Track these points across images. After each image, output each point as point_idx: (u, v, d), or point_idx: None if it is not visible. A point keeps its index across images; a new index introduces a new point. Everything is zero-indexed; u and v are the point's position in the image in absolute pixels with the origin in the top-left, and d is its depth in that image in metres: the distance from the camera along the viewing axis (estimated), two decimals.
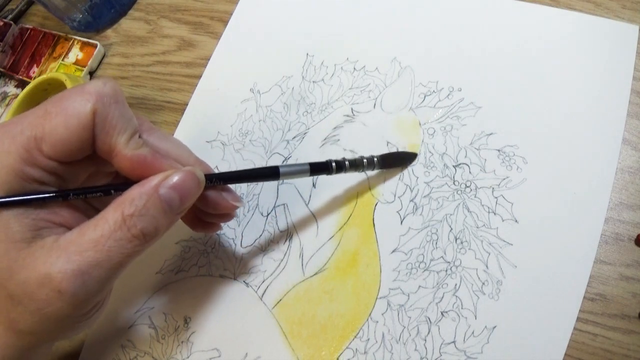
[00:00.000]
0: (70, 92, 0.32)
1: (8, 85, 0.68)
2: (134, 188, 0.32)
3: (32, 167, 0.31)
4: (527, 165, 0.43)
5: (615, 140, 0.43)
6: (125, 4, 0.67)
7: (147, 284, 0.49)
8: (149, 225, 0.32)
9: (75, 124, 0.31)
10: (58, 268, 0.30)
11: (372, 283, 0.43)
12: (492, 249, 0.42)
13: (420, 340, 0.41)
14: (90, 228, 0.31)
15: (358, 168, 0.43)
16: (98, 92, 0.32)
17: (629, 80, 0.44)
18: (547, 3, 0.49)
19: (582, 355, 0.38)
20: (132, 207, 0.31)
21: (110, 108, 0.32)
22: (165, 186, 0.32)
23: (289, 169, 0.40)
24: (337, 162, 0.42)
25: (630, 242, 0.40)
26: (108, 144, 0.32)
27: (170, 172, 0.33)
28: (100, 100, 0.32)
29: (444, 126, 0.47)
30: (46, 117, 0.31)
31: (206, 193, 0.37)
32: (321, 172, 0.41)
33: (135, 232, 0.31)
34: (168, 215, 0.33)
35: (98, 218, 0.31)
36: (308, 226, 0.47)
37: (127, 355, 0.47)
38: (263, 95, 0.54)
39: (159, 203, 0.32)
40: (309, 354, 0.43)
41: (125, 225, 0.31)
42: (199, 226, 0.42)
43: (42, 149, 0.31)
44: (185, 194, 0.33)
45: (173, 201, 0.33)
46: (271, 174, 0.39)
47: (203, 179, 0.35)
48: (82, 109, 0.31)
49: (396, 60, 0.51)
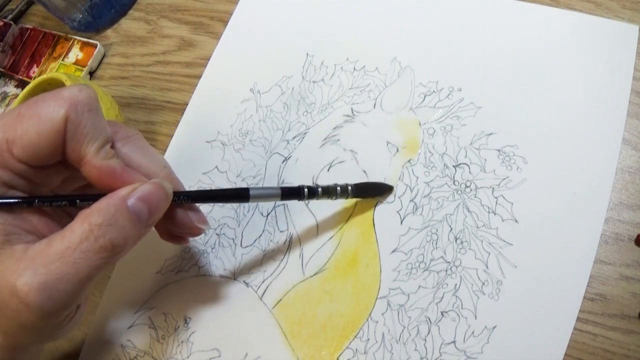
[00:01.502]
0: (45, 96, 0.32)
1: (8, 85, 0.68)
2: (102, 200, 0.31)
3: (2, 169, 0.31)
4: (527, 165, 0.43)
5: (615, 140, 0.42)
6: (125, 4, 0.67)
7: (147, 284, 0.49)
8: (118, 236, 0.31)
9: (46, 129, 0.31)
10: (24, 281, 0.29)
11: (372, 283, 0.43)
12: (492, 249, 0.42)
13: (420, 340, 0.41)
14: (57, 239, 0.30)
15: (331, 196, 0.42)
16: (72, 98, 0.31)
17: (629, 80, 0.44)
18: (547, 3, 0.49)
19: (582, 355, 0.38)
20: (99, 217, 0.30)
21: (83, 116, 0.31)
22: (134, 197, 0.32)
23: (259, 192, 0.39)
24: (310, 188, 0.41)
25: (630, 242, 0.40)
26: (77, 152, 0.32)
27: (138, 184, 0.32)
28: (73, 107, 0.31)
29: (444, 126, 0.47)
30: (19, 120, 0.31)
31: (174, 210, 0.36)
32: (292, 197, 0.41)
33: (103, 242, 0.30)
34: (137, 227, 0.32)
35: (65, 229, 0.31)
36: (308, 226, 0.47)
37: (127, 355, 0.47)
38: (263, 95, 0.54)
39: (127, 214, 0.31)
40: (309, 354, 0.43)
41: (92, 236, 0.30)
42: (166, 236, 0.41)
43: (12, 151, 0.31)
44: (154, 207, 0.33)
45: (141, 213, 0.32)
46: (241, 195, 0.39)
47: (170, 191, 0.34)
48: (54, 115, 0.31)
49: (396, 60, 0.51)
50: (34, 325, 0.30)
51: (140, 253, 0.50)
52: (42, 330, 0.32)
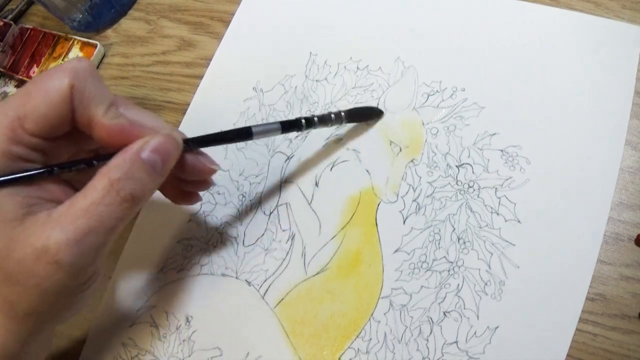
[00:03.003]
0: (48, 71, 0.34)
1: (8, 85, 0.68)
2: (117, 156, 0.33)
3: (18, 145, 0.33)
4: (530, 165, 0.43)
5: (618, 141, 0.43)
6: (125, 4, 0.67)
7: (148, 282, 0.49)
8: (137, 187, 0.33)
9: (54, 100, 0.33)
10: (53, 239, 0.31)
11: (374, 283, 0.43)
12: (495, 249, 0.42)
13: (422, 340, 0.41)
14: (80, 198, 0.32)
15: (327, 123, 0.45)
16: (74, 67, 0.33)
17: (632, 81, 0.44)
18: (547, 3, 0.49)
19: (582, 355, 0.38)
20: (118, 172, 0.32)
21: (86, 82, 0.34)
22: (147, 149, 0.34)
23: (261, 128, 0.42)
24: (307, 118, 0.43)
25: (630, 242, 0.40)
26: (87, 116, 0.34)
27: (149, 137, 0.34)
28: (76, 76, 0.33)
29: (447, 126, 0.47)
30: (27, 97, 0.33)
31: (184, 157, 0.38)
32: (292, 129, 0.43)
33: (124, 194, 0.33)
34: (152, 177, 0.34)
35: (87, 188, 0.33)
36: (310, 225, 0.47)
37: (128, 353, 0.47)
38: (266, 94, 0.54)
39: (143, 165, 0.33)
40: (311, 354, 0.43)
41: (113, 189, 0.32)
42: (179, 197, 0.43)
43: (25, 126, 0.33)
44: (166, 156, 0.35)
45: (156, 163, 0.34)
46: (244, 134, 0.41)
47: (181, 141, 0.37)
48: (60, 85, 0.33)
49: (399, 60, 0.51)
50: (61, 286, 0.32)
51: (142, 252, 0.50)
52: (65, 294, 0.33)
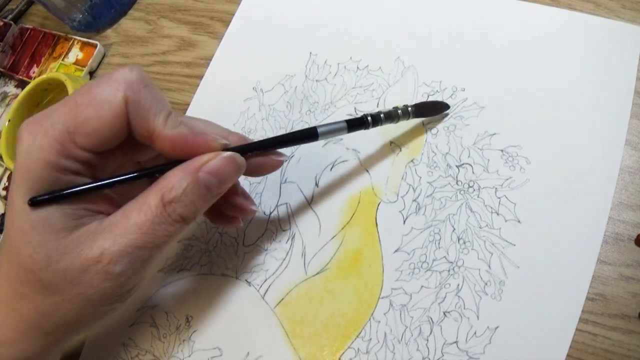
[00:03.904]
0: (98, 82, 0.32)
1: (8, 85, 0.68)
2: (175, 171, 0.33)
3: (67, 159, 0.32)
4: (530, 165, 0.43)
5: (618, 141, 0.43)
6: (125, 4, 0.67)
7: (148, 282, 0.49)
8: (188, 211, 0.33)
9: (107, 114, 0.31)
10: (107, 249, 0.31)
11: (374, 283, 0.43)
12: (495, 249, 0.42)
13: (422, 340, 0.41)
14: (134, 212, 0.32)
15: (393, 119, 0.43)
16: (126, 79, 0.32)
17: (632, 81, 0.44)
18: (547, 3, 0.49)
19: (582, 355, 0.38)
20: (172, 194, 0.32)
21: (141, 93, 0.32)
22: (205, 171, 0.33)
23: (327, 128, 0.40)
24: (372, 115, 0.42)
25: (630, 242, 0.40)
26: (146, 128, 0.33)
27: (210, 155, 0.34)
28: (130, 87, 0.32)
29: (447, 126, 0.47)
30: (77, 109, 0.31)
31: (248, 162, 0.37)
32: (358, 127, 0.42)
33: (175, 217, 0.33)
34: (206, 199, 0.34)
35: (140, 202, 0.32)
36: (310, 225, 0.47)
37: (128, 353, 0.46)
38: (266, 93, 0.54)
39: (198, 188, 0.33)
40: (311, 354, 0.43)
41: (165, 211, 0.32)
42: (219, 219, 0.42)
43: (76, 140, 0.31)
44: (224, 178, 0.34)
45: (212, 185, 0.34)
46: (310, 135, 0.40)
47: (243, 162, 0.36)
48: (113, 98, 0.31)
49: (399, 60, 0.51)
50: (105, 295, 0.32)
51: None
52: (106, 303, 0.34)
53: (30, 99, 0.58)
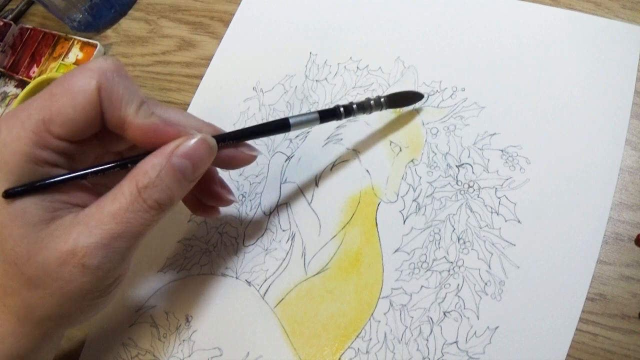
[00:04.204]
0: (72, 72, 0.33)
1: (8, 85, 0.68)
2: (147, 159, 0.33)
3: (43, 149, 0.32)
4: (530, 165, 0.43)
5: (618, 141, 0.43)
6: (125, 4, 0.67)
7: (148, 282, 0.49)
8: (164, 195, 0.33)
9: (81, 102, 0.32)
10: (81, 242, 0.31)
11: (374, 283, 0.43)
12: (495, 249, 0.42)
13: (422, 340, 0.41)
14: (108, 202, 0.32)
15: (366, 110, 0.43)
16: (100, 68, 0.32)
17: (633, 81, 0.44)
18: (547, 3, 0.49)
19: (582, 355, 0.38)
20: (145, 179, 0.32)
21: (114, 82, 0.32)
22: (178, 155, 0.33)
23: (299, 119, 0.40)
24: (345, 106, 0.42)
25: (630, 242, 0.40)
26: (117, 117, 0.33)
27: (181, 140, 0.33)
28: (103, 76, 0.32)
29: (447, 126, 0.47)
30: (52, 99, 0.32)
31: (221, 152, 0.37)
32: (330, 118, 0.42)
33: (151, 202, 0.32)
34: (182, 184, 0.34)
35: (115, 192, 0.32)
36: (310, 225, 0.47)
37: (128, 353, 0.46)
38: (266, 93, 0.54)
39: (172, 172, 0.33)
40: (311, 353, 0.43)
41: (140, 197, 0.32)
42: (199, 209, 0.43)
43: (51, 130, 0.31)
44: (198, 161, 0.34)
45: (186, 169, 0.33)
46: (282, 126, 0.40)
47: (215, 144, 0.36)
48: (86, 86, 0.32)
49: (399, 60, 0.51)
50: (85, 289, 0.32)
51: (142, 252, 0.50)
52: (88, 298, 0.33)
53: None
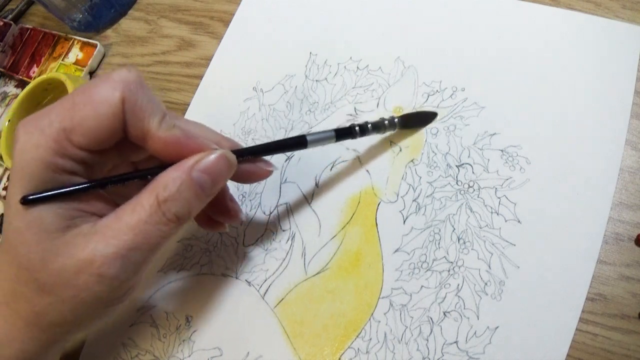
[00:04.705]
0: (96, 81, 0.33)
1: (8, 85, 0.68)
2: (168, 172, 0.33)
3: (63, 158, 0.32)
4: (530, 165, 0.43)
5: (618, 141, 0.43)
6: (125, 4, 0.67)
7: (148, 282, 0.49)
8: (183, 209, 0.33)
9: (105, 113, 0.32)
10: (99, 252, 0.31)
11: (374, 283, 0.43)
12: (495, 249, 0.42)
13: (422, 340, 0.41)
14: (127, 213, 0.32)
15: (380, 130, 0.45)
16: (123, 79, 0.32)
17: (632, 81, 0.44)
18: (547, 3, 0.49)
19: (582, 355, 0.38)
20: (166, 192, 0.32)
21: (137, 94, 0.32)
22: (198, 169, 0.33)
23: (316, 137, 0.41)
24: (360, 125, 0.43)
25: (630, 242, 0.40)
26: (140, 129, 0.33)
27: (202, 155, 0.34)
28: (127, 87, 0.32)
29: (447, 126, 0.47)
30: (74, 108, 0.32)
31: (238, 167, 0.37)
32: (346, 137, 0.43)
33: (169, 216, 0.32)
34: (200, 198, 0.34)
35: (134, 203, 0.32)
36: (310, 225, 0.47)
37: (128, 353, 0.47)
38: (266, 93, 0.54)
39: (192, 186, 0.33)
40: (311, 353, 0.43)
41: (160, 210, 0.32)
42: (206, 223, 0.43)
43: (72, 139, 0.31)
44: (217, 177, 0.34)
45: (205, 184, 0.34)
46: (299, 143, 0.41)
47: (234, 160, 0.36)
48: (110, 97, 0.32)
49: (399, 60, 0.51)
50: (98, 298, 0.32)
51: None
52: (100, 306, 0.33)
53: (30, 99, 0.58)
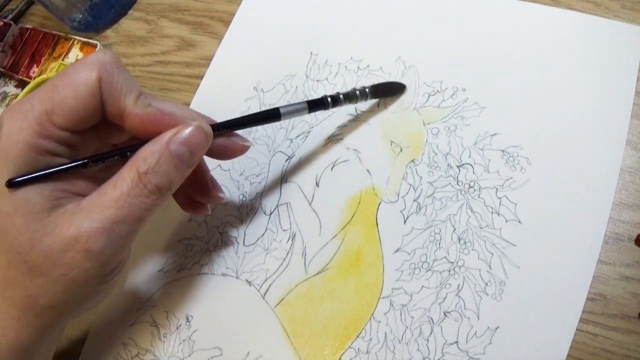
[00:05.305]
0: (74, 65, 0.34)
1: (8, 85, 0.68)
2: (147, 146, 0.34)
3: (46, 139, 0.33)
4: (530, 165, 0.43)
5: (619, 141, 0.43)
6: (125, 4, 0.67)
7: (149, 281, 0.49)
8: (163, 180, 0.34)
9: (83, 93, 0.33)
10: (84, 228, 0.31)
11: (374, 283, 0.43)
12: (496, 249, 0.42)
13: (422, 341, 0.41)
14: (109, 188, 0.33)
15: (352, 100, 0.45)
16: (100, 60, 0.34)
17: (633, 81, 0.44)
18: (547, 3, 0.49)
19: (582, 355, 0.38)
20: (145, 165, 0.33)
21: (113, 73, 0.34)
22: (176, 142, 0.34)
23: (289, 109, 0.42)
24: (332, 96, 0.44)
25: (630, 242, 0.40)
26: (117, 107, 0.34)
27: (179, 127, 0.35)
28: (103, 68, 0.34)
29: (448, 126, 0.47)
30: (54, 90, 0.33)
31: (215, 141, 0.38)
32: (318, 107, 0.44)
33: (151, 187, 0.33)
34: (180, 169, 0.35)
35: (116, 178, 0.33)
36: (311, 225, 0.47)
37: (128, 353, 0.46)
38: (267, 93, 0.54)
39: (171, 158, 0.34)
40: (311, 353, 0.43)
41: (141, 182, 0.33)
42: (189, 206, 0.44)
43: (54, 120, 0.33)
44: (195, 148, 0.35)
45: (184, 155, 0.34)
46: (273, 115, 0.41)
47: (210, 131, 0.37)
48: (88, 77, 0.33)
49: (400, 60, 0.51)
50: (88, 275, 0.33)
51: (142, 251, 0.50)
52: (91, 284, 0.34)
53: None
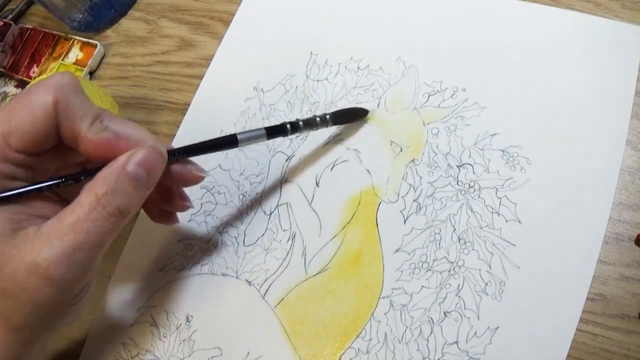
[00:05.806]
0: (31, 88, 0.34)
1: (8, 85, 0.68)
2: (103, 170, 0.34)
3: (3, 162, 0.33)
4: (530, 165, 0.43)
5: (618, 141, 0.43)
6: (125, 4, 0.67)
7: (149, 281, 0.49)
8: (122, 202, 0.33)
9: (39, 115, 0.33)
10: (43, 255, 0.31)
11: (374, 283, 0.43)
12: (496, 249, 0.42)
13: (422, 341, 0.41)
14: (67, 213, 0.32)
15: (312, 127, 0.45)
16: (57, 83, 0.34)
17: (633, 81, 0.44)
18: (547, 3, 0.49)
19: (582, 355, 0.38)
20: (103, 187, 0.33)
21: (69, 97, 0.34)
22: (132, 163, 0.34)
23: (247, 135, 0.42)
24: (292, 123, 0.44)
25: (630, 242, 0.40)
26: (72, 130, 0.34)
27: (134, 150, 0.35)
28: (59, 91, 0.33)
29: (448, 126, 0.47)
30: (11, 113, 0.33)
31: (170, 168, 0.38)
32: (277, 134, 0.43)
33: (110, 209, 0.33)
34: (139, 190, 0.34)
35: (74, 203, 0.33)
36: (311, 225, 0.47)
37: (128, 353, 0.46)
38: (267, 93, 0.54)
39: (128, 179, 0.34)
40: (311, 353, 0.43)
41: (99, 205, 0.32)
42: (158, 216, 0.43)
43: (10, 143, 0.33)
44: (151, 168, 0.35)
45: (141, 176, 0.34)
46: (230, 142, 0.41)
47: (164, 151, 0.37)
48: (43, 100, 0.33)
49: (400, 60, 0.51)
50: (52, 300, 0.32)
51: (143, 251, 0.50)
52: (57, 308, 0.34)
53: None
